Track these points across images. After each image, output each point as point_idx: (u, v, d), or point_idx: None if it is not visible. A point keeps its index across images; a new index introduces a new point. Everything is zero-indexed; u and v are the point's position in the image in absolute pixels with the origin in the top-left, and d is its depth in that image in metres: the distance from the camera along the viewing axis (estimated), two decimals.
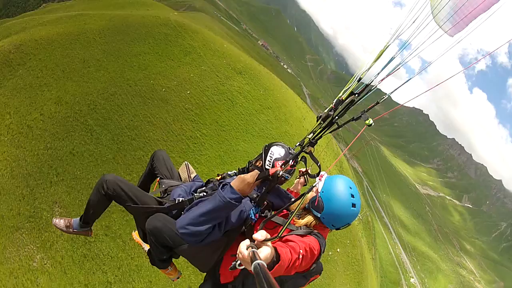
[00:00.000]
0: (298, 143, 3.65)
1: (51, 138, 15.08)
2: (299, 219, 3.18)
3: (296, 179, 4.47)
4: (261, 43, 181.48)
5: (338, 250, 22.34)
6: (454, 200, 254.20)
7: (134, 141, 16.03)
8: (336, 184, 3.08)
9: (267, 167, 3.56)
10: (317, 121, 3.58)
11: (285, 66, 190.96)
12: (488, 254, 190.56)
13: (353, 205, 3.01)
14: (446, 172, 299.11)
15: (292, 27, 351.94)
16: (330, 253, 21.35)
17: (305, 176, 4.24)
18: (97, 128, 15.76)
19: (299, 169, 4.24)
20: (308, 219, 3.13)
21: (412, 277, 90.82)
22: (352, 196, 3.02)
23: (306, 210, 3.26)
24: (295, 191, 4.33)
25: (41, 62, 18.23)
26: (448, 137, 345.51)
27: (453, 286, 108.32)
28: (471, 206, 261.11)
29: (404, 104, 3.38)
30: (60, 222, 3.95)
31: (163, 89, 18.97)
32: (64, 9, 37.00)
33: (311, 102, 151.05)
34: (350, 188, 3.06)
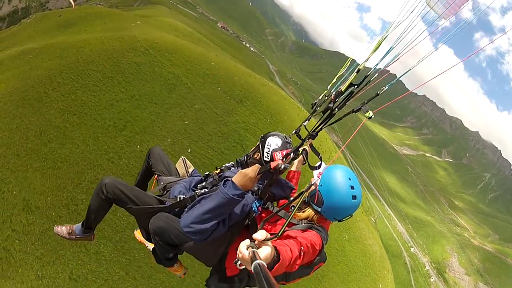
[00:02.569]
0: (294, 131, 3.85)
1: (39, 263, 10.84)
2: (299, 212, 3.11)
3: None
4: (220, 25, 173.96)
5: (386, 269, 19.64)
6: (434, 156, 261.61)
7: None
8: (335, 176, 2.95)
9: (265, 159, 3.44)
10: (312, 107, 3.61)
11: (247, 45, 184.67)
12: (477, 207, 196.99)
13: (354, 197, 2.90)
14: (421, 129, 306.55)
15: (247, 2, 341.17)
16: (385, 272, 19.02)
17: (304, 154, 3.71)
18: None
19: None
20: (309, 213, 3.08)
21: (412, 247, 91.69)
22: (352, 187, 2.90)
23: (306, 204, 3.19)
24: (295, 169, 4.10)
25: None
26: (418, 94, 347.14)
27: (451, 247, 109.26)
28: (451, 160, 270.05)
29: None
30: (63, 229, 3.76)
31: None
32: (8, 40, 29.65)
33: (280, 79, 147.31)
34: (350, 179, 2.93)
